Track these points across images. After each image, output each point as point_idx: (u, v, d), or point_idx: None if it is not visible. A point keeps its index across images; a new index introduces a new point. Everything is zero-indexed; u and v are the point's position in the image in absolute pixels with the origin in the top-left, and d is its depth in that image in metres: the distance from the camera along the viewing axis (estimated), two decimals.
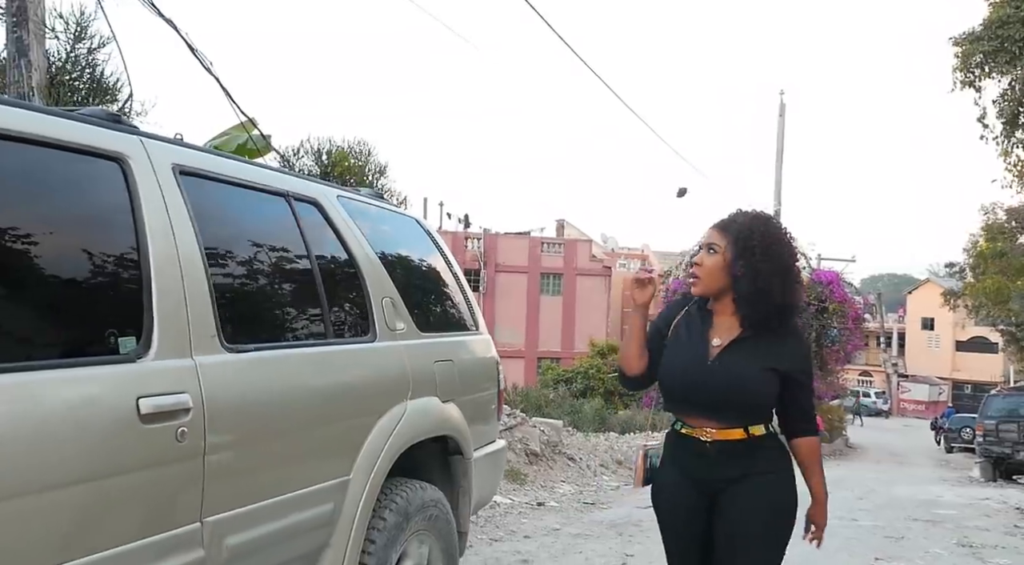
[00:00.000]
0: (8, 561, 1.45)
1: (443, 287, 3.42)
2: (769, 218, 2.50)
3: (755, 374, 2.31)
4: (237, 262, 2.25)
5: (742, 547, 2.30)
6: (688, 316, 2.46)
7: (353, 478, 2.48)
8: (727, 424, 2.32)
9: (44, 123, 1.78)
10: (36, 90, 4.56)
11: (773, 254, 2.33)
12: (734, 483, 2.32)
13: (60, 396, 1.59)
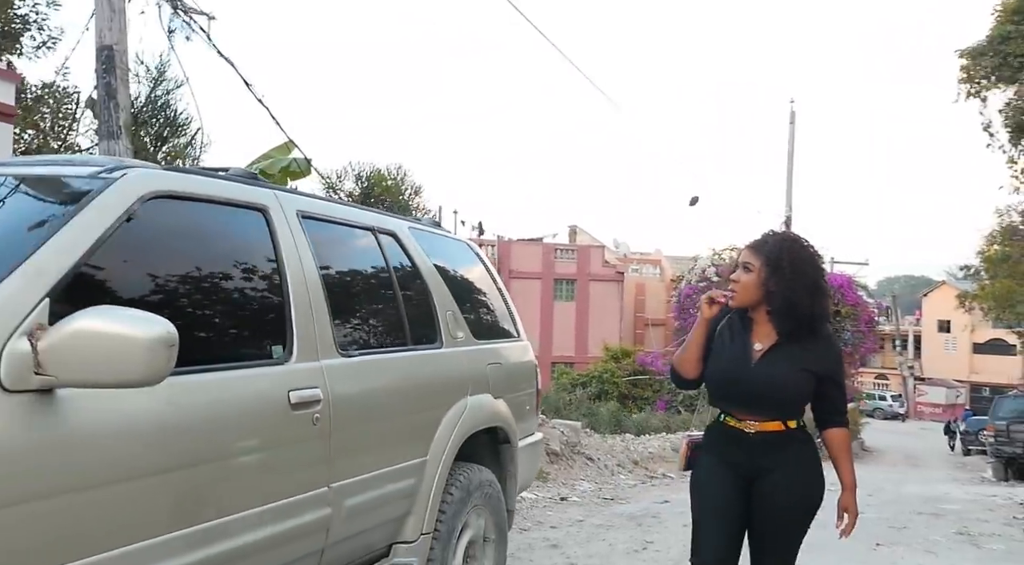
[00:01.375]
0: (220, 503, 2.03)
1: (491, 300, 3.99)
2: (797, 238, 2.80)
3: (793, 375, 2.62)
4: (342, 285, 2.83)
5: (777, 535, 2.67)
6: (731, 322, 2.75)
7: (429, 459, 3.05)
8: (767, 417, 2.65)
9: (217, 186, 2.38)
10: (123, 129, 5.18)
11: (800, 272, 2.64)
12: (771, 470, 2.64)
13: (245, 387, 2.18)
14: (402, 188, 7.47)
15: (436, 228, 3.85)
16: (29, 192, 2.11)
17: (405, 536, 2.95)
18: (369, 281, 3.02)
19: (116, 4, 5.30)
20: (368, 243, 3.08)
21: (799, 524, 2.69)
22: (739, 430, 2.68)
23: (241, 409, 2.16)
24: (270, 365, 2.32)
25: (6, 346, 1.59)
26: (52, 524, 1.64)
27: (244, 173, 2.68)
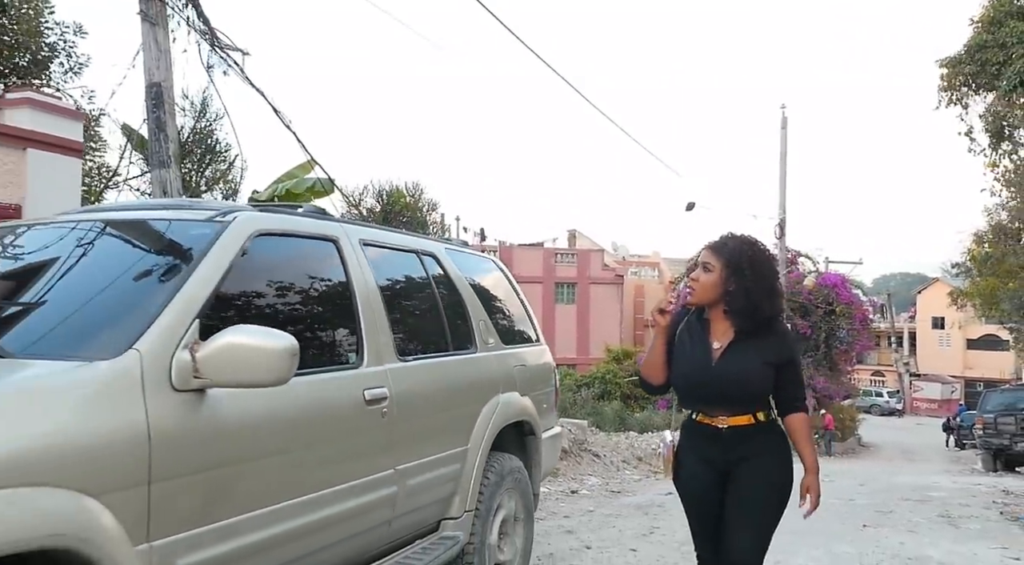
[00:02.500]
0: (322, 479, 2.55)
1: (514, 309, 4.51)
2: (756, 242, 2.85)
3: (754, 369, 2.71)
4: (396, 300, 3.35)
5: (747, 511, 2.70)
6: (688, 325, 2.83)
7: (470, 448, 3.56)
8: (736, 412, 2.73)
9: (302, 223, 2.90)
10: (172, 158, 5.70)
11: (760, 274, 2.73)
12: (744, 461, 2.72)
13: (334, 387, 2.70)
14: (419, 204, 7.99)
15: (465, 247, 4.37)
16: (165, 234, 2.62)
17: (452, 513, 3.47)
18: (417, 296, 3.54)
19: (162, 45, 5.82)
20: (414, 263, 3.60)
21: (771, 505, 2.72)
22: (712, 426, 2.76)
23: (332, 404, 2.68)
24: (349, 369, 2.84)
25: (174, 357, 2.11)
26: (207, 489, 2.15)
27: (315, 209, 3.20)
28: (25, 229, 2.78)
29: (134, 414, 1.97)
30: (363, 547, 2.91)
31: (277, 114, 6.94)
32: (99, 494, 1.83)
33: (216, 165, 6.61)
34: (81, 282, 2.42)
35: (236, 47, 6.26)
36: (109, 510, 1.85)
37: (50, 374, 1.93)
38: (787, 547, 5.55)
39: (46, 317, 2.25)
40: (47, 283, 2.42)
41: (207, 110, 5.87)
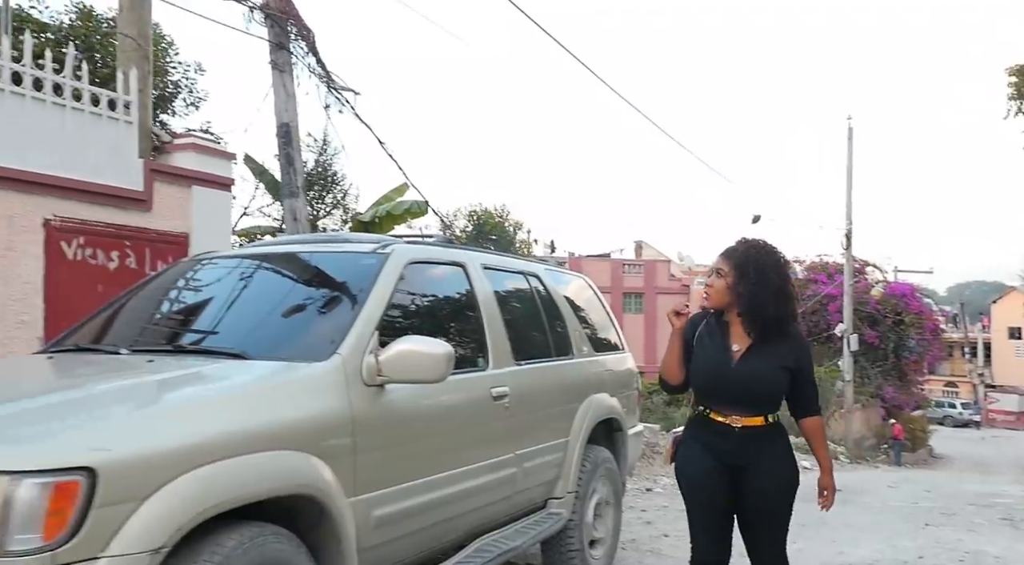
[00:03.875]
0: (464, 458, 3.21)
1: (602, 321, 5.12)
2: (764, 245, 2.94)
3: (771, 373, 2.82)
4: (511, 313, 3.99)
5: (769, 516, 2.88)
6: (708, 326, 2.94)
7: (570, 440, 4.18)
8: (750, 413, 2.83)
9: (439, 252, 3.58)
10: (300, 189, 6.51)
11: (764, 277, 2.81)
12: (755, 462, 2.83)
13: (471, 385, 3.35)
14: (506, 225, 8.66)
15: (560, 267, 5.01)
16: (343, 263, 3.32)
17: (556, 493, 4.09)
18: (525, 310, 4.19)
19: (289, 89, 6.65)
20: (522, 282, 4.25)
21: (786, 507, 2.91)
22: (725, 424, 2.85)
23: (470, 399, 3.34)
24: (479, 371, 3.50)
25: (363, 360, 2.79)
26: (389, 460, 2.83)
27: (444, 239, 3.90)
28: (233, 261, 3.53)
29: (342, 401, 2.66)
30: (491, 516, 3.56)
31: (381, 145, 7.73)
32: (325, 458, 2.51)
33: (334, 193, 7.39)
34: (289, 301, 3.14)
35: (349, 88, 7.07)
36: (332, 470, 2.53)
37: (284, 371, 2.63)
38: (850, 541, 6.01)
39: (269, 329, 2.97)
40: (264, 302, 3.15)
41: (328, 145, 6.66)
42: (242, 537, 2.17)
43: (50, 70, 5.20)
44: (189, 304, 3.45)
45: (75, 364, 2.89)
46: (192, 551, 2.05)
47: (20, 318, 5.04)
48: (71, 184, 5.27)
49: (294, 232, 6.60)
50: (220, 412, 2.30)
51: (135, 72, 5.75)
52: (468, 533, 3.43)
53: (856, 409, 21.73)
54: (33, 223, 5.08)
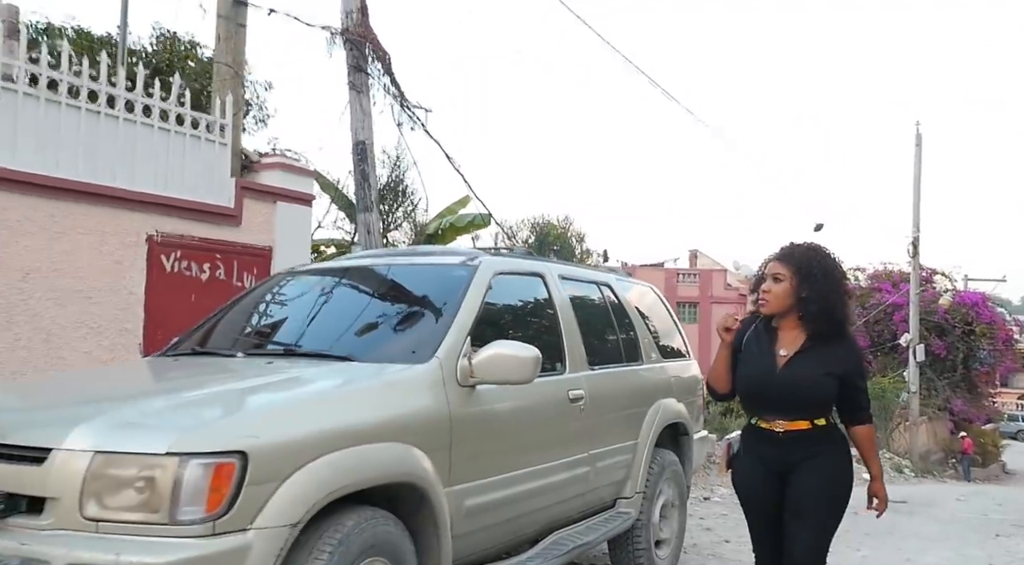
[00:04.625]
0: (545, 455, 3.46)
1: (668, 329, 5.31)
2: (821, 247, 2.92)
3: (817, 379, 2.78)
4: (585, 320, 4.22)
5: (804, 512, 2.80)
6: (756, 332, 2.93)
7: (639, 442, 4.39)
8: (794, 418, 2.81)
9: (521, 264, 3.85)
10: (374, 203, 6.87)
11: (831, 278, 2.81)
12: (801, 463, 2.81)
13: (551, 387, 3.60)
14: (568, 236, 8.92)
15: (629, 277, 5.23)
16: (437, 274, 3.62)
17: (625, 493, 4.30)
18: (598, 317, 4.42)
19: (365, 108, 7.03)
20: (594, 291, 4.49)
21: (827, 511, 2.81)
22: (770, 430, 2.85)
23: (550, 400, 3.59)
24: (557, 374, 3.74)
25: (458, 363, 3.05)
26: (479, 454, 3.09)
27: (524, 251, 4.16)
28: (332, 273, 3.86)
29: (440, 400, 2.93)
30: (566, 511, 3.79)
31: (449, 160, 8.05)
32: (426, 451, 2.78)
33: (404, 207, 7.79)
34: (388, 309, 3.45)
35: (420, 106, 7.42)
36: (431, 462, 2.80)
37: (390, 372, 2.92)
38: (917, 549, 6.06)
39: (372, 335, 3.28)
40: (365, 310, 3.46)
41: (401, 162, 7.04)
42: (359, 518, 2.46)
43: (158, 98, 5.66)
44: (294, 312, 3.78)
45: (203, 365, 3.23)
46: (318, 529, 2.34)
47: (124, 326, 5.49)
48: (172, 202, 5.71)
49: (368, 245, 6.95)
50: (341, 407, 2.60)
51: (231, 98, 6.19)
52: (544, 527, 3.67)
53: (922, 422, 21.23)
54: (138, 238, 5.53)
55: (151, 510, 2.07)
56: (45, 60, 5.03)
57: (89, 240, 5.20)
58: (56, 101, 5.06)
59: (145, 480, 2.08)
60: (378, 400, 2.75)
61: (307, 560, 2.27)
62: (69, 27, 12.67)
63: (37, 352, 4.90)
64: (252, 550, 2.11)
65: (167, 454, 2.09)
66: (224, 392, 2.60)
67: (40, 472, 2.14)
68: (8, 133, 4.82)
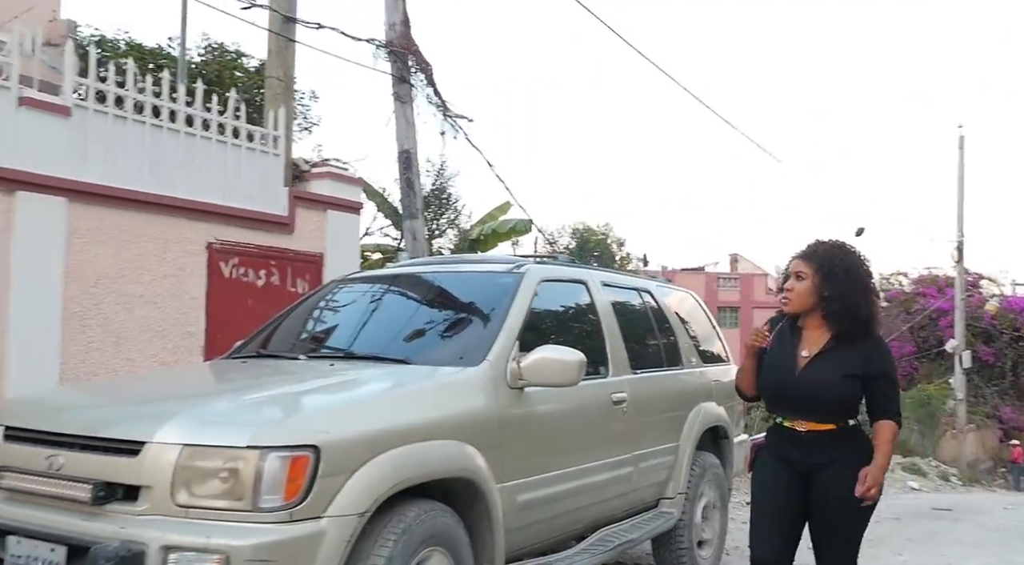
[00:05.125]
0: (589, 455, 3.60)
1: (708, 334, 5.42)
2: (844, 245, 2.90)
3: (836, 381, 2.76)
4: (627, 326, 4.36)
5: (832, 523, 2.80)
6: (780, 333, 2.93)
7: (680, 444, 4.51)
8: (816, 419, 2.80)
9: (566, 271, 4.00)
10: (419, 211, 7.08)
11: (854, 276, 2.78)
12: (824, 468, 2.78)
13: (594, 390, 3.74)
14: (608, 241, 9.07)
15: (669, 283, 5.35)
16: (486, 281, 3.79)
17: (667, 494, 4.42)
18: (639, 323, 4.56)
19: (410, 118, 7.25)
20: (636, 298, 4.62)
21: (855, 517, 2.78)
22: (792, 430, 2.85)
23: (594, 402, 3.73)
24: (601, 377, 3.89)
25: (507, 366, 3.22)
26: (528, 453, 3.25)
27: (568, 259, 4.32)
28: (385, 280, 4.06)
29: (491, 401, 3.10)
30: (610, 511, 3.93)
31: (491, 167, 8.25)
32: (479, 448, 2.95)
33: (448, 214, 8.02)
34: (439, 315, 3.64)
35: (463, 115, 7.63)
36: (484, 459, 2.96)
37: (444, 374, 3.10)
38: (959, 555, 6.06)
39: (425, 339, 3.46)
40: (417, 315, 3.65)
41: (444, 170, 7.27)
42: (419, 510, 2.64)
43: (215, 112, 5.94)
44: (350, 317, 3.98)
45: (271, 367, 3.45)
46: (383, 519, 2.52)
47: (186, 330, 5.77)
48: (230, 211, 5.98)
49: (414, 251, 7.17)
50: (401, 406, 2.78)
51: (283, 110, 6.46)
52: (590, 525, 3.82)
53: (970, 430, 20.85)
54: (199, 246, 5.81)
55: (235, 498, 2.27)
56: (113, 78, 5.33)
57: (153, 248, 5.49)
58: (123, 116, 5.37)
59: (229, 471, 2.28)
60: (434, 400, 2.93)
61: (373, 547, 2.45)
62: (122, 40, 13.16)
63: (108, 354, 5.19)
64: (325, 536, 2.30)
65: (248, 447, 2.29)
66: (295, 391, 2.80)
67: (135, 463, 2.36)
68: (80, 147, 5.13)
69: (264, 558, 2.19)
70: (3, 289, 4.67)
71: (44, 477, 2.50)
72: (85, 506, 2.38)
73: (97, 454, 2.45)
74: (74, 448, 2.50)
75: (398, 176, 7.20)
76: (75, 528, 2.35)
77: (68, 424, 2.59)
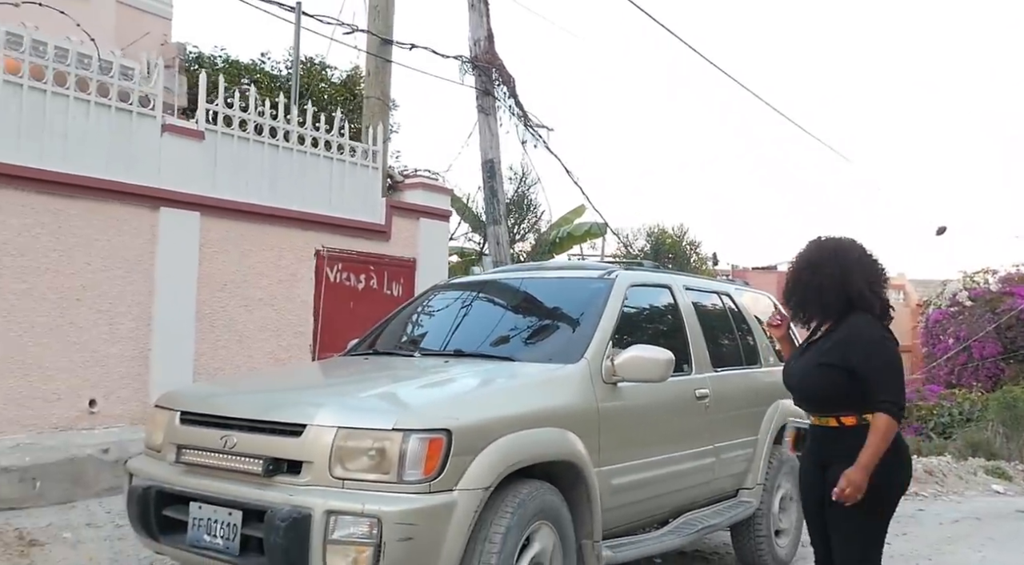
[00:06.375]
0: (676, 445, 3.95)
1: None
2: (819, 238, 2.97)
3: (811, 371, 2.83)
4: (708, 327, 4.67)
5: (834, 517, 2.78)
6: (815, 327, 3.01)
7: (759, 439, 4.80)
8: (817, 412, 2.87)
9: (652, 277, 4.36)
10: (503, 217, 7.52)
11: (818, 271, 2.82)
12: (832, 462, 2.75)
13: (680, 386, 4.08)
14: (683, 244, 9.38)
15: (746, 286, 5.64)
16: (580, 286, 4.18)
17: (746, 484, 4.72)
18: (720, 324, 4.87)
19: (493, 129, 7.70)
20: (716, 301, 4.94)
21: (861, 513, 2.69)
22: (812, 424, 2.96)
23: (680, 397, 4.08)
24: (685, 375, 4.22)
25: (602, 363, 3.59)
26: (621, 441, 3.62)
27: (653, 264, 4.67)
28: (485, 285, 4.49)
29: (589, 394, 3.48)
30: (692, 498, 4.27)
31: (568, 174, 8.62)
32: (580, 435, 3.34)
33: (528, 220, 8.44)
34: (538, 317, 4.04)
35: (543, 125, 8.03)
36: (584, 445, 3.35)
37: (548, 370, 3.50)
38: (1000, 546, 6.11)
39: (528, 339, 3.87)
40: (518, 317, 4.07)
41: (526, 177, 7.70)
42: (531, 488, 3.04)
43: (323, 130, 6.51)
44: (454, 319, 4.42)
45: (394, 363, 3.91)
46: (501, 494, 2.93)
47: (297, 330, 6.34)
48: (335, 221, 6.54)
49: (497, 256, 7.61)
50: (513, 397, 3.20)
51: (380, 127, 6.99)
52: (674, 510, 4.17)
53: None
54: (308, 253, 6.38)
55: (383, 472, 2.71)
56: (224, 100, 5.94)
57: (270, 255, 6.08)
58: (246, 138, 5.96)
59: (377, 449, 2.73)
60: (540, 393, 3.33)
61: (495, 518, 2.87)
62: (219, 57, 14.03)
63: (233, 351, 5.79)
64: (457, 506, 2.72)
65: (394, 430, 2.73)
66: (424, 384, 3.25)
67: (298, 442, 2.83)
68: (210, 166, 5.74)
69: (409, 522, 2.62)
70: (149, 294, 5.31)
71: (220, 453, 3.00)
72: (257, 478, 2.86)
73: (265, 435, 2.93)
74: (243, 429, 2.98)
75: (482, 185, 7.64)
76: (250, 496, 2.83)
77: (238, 409, 3.08)
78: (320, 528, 2.62)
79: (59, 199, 4.89)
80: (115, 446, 4.74)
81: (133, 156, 5.26)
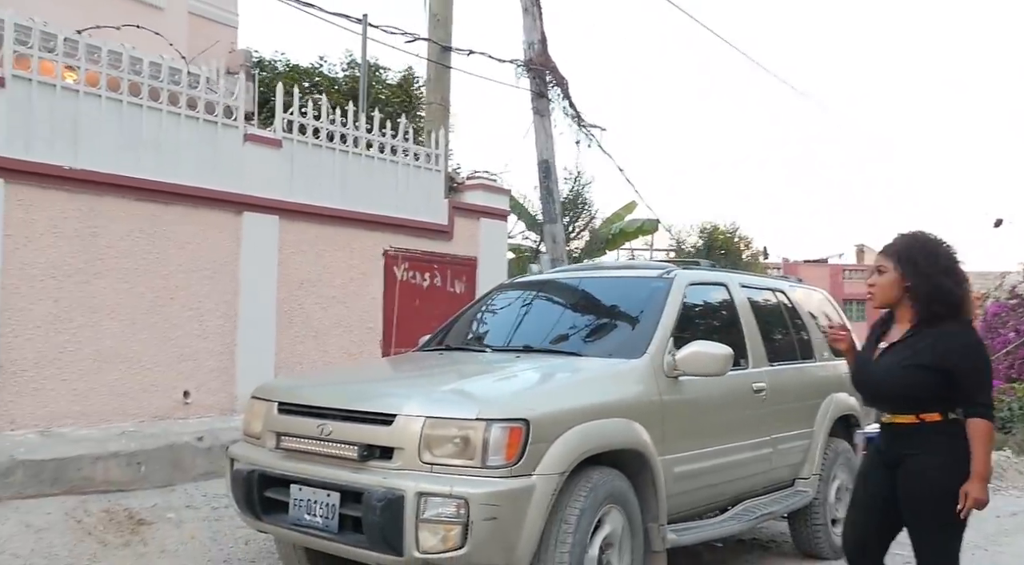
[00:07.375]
0: (736, 435, 4.16)
1: None
2: (920, 234, 2.91)
3: (897, 372, 2.77)
4: (764, 323, 4.84)
5: (911, 519, 2.79)
6: (874, 326, 3.03)
7: (815, 430, 4.96)
8: (895, 411, 2.84)
9: (708, 275, 4.56)
10: (558, 215, 7.75)
11: (934, 260, 2.79)
12: (906, 459, 2.78)
13: (738, 380, 4.27)
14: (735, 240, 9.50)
15: (800, 282, 5.78)
16: (641, 285, 4.40)
17: (802, 474, 4.89)
18: (775, 320, 5.04)
19: (549, 130, 7.94)
20: (770, 297, 5.11)
21: (940, 511, 2.70)
22: (883, 422, 2.94)
23: (738, 390, 4.28)
24: (742, 369, 4.41)
25: (664, 358, 3.82)
26: (683, 431, 3.83)
27: (710, 263, 4.86)
28: (550, 283, 4.75)
29: (652, 387, 3.71)
30: (752, 485, 4.47)
31: (621, 172, 8.89)
32: (645, 426, 3.57)
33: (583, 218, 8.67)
34: (601, 314, 4.28)
35: (596, 125, 8.24)
36: (649, 435, 3.58)
37: (614, 365, 3.74)
38: None
39: (592, 335, 4.12)
40: (582, 315, 4.32)
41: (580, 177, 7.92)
42: (601, 474, 3.29)
43: (389, 136, 6.83)
44: (520, 316, 4.68)
45: (469, 358, 4.19)
46: (575, 479, 3.18)
47: (367, 326, 6.68)
48: (401, 222, 6.86)
49: (554, 253, 7.86)
50: (583, 390, 3.45)
51: (443, 131, 7.29)
52: (733, 497, 4.38)
53: None
54: (377, 253, 6.72)
55: (468, 458, 2.99)
56: (310, 112, 6.30)
57: (342, 255, 6.43)
58: (319, 145, 6.32)
59: (462, 437, 3.00)
60: (607, 386, 3.58)
61: (570, 501, 3.13)
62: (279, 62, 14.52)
63: (309, 346, 6.16)
64: (536, 489, 2.99)
65: (477, 419, 3.00)
66: (500, 377, 3.53)
67: (389, 430, 3.12)
68: (287, 172, 6.10)
69: (494, 502, 2.90)
70: (234, 293, 5.70)
71: (317, 440, 3.31)
72: (352, 462, 3.16)
73: (358, 423, 3.23)
74: (338, 419, 3.29)
75: (538, 184, 7.88)
76: (347, 479, 3.14)
77: (333, 400, 3.40)
78: (412, 508, 2.91)
79: (155, 205, 5.30)
80: (208, 434, 5.14)
81: (218, 164, 5.65)
